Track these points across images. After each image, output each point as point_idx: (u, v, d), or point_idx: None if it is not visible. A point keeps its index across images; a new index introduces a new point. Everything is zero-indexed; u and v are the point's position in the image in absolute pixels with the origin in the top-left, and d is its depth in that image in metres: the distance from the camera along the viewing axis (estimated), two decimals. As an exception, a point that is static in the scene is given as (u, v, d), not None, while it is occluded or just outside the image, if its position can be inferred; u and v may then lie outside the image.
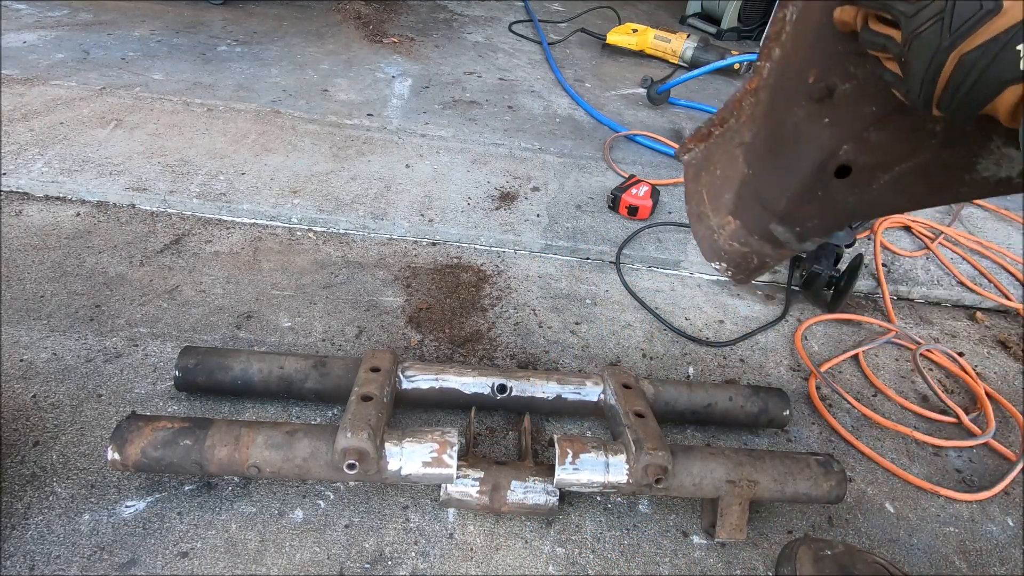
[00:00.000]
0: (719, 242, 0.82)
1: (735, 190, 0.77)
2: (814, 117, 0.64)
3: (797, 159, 0.68)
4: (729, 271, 0.83)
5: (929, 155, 0.62)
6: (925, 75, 0.44)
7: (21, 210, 1.36)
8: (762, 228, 0.76)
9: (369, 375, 0.90)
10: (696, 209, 0.86)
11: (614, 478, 0.84)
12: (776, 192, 0.72)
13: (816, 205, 0.70)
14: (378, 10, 2.90)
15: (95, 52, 2.06)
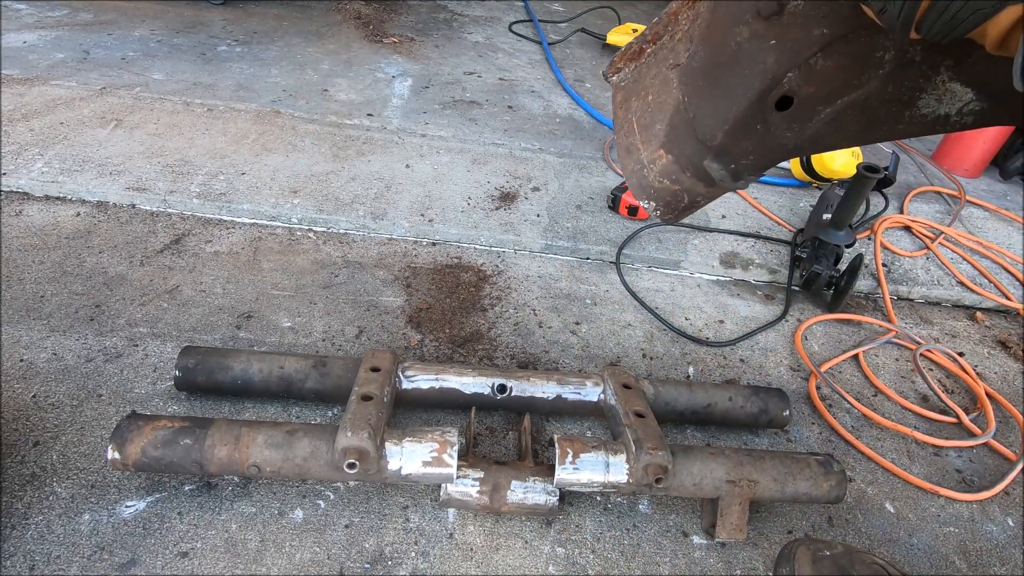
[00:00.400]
0: (649, 178, 0.75)
1: (668, 120, 0.71)
2: (759, 38, 0.59)
3: (737, 86, 0.62)
4: (658, 210, 0.77)
5: (873, 88, 0.58)
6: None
7: (21, 210, 1.36)
8: (696, 164, 0.70)
9: (369, 375, 0.90)
10: (625, 140, 0.79)
11: (614, 478, 0.84)
12: (713, 124, 0.66)
13: (754, 140, 0.65)
14: (378, 10, 2.90)
15: (95, 52, 2.06)
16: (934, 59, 0.55)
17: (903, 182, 2.03)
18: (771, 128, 0.63)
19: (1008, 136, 2.18)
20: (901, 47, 0.55)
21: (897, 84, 0.58)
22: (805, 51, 0.57)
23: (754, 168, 0.69)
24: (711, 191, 0.73)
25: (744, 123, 0.64)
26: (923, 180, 2.11)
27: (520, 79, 2.41)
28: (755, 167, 0.69)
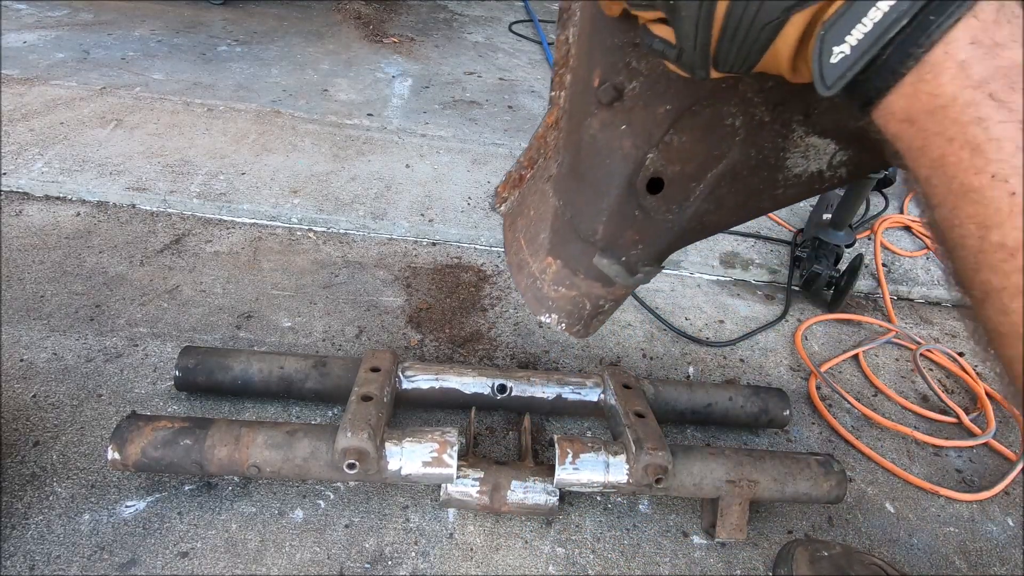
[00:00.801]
0: (543, 289, 0.74)
1: (550, 226, 0.71)
2: (609, 125, 0.59)
3: (604, 177, 0.62)
4: (562, 323, 0.75)
5: (736, 156, 0.58)
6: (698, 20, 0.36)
7: (21, 210, 1.36)
8: (586, 264, 0.69)
9: (369, 375, 0.90)
10: (515, 258, 0.79)
11: (614, 478, 0.84)
12: (591, 219, 0.66)
13: (636, 228, 0.65)
14: (378, 10, 2.90)
15: (95, 52, 2.06)
16: (783, 116, 0.56)
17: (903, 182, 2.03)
18: (650, 213, 0.63)
19: (1008, 136, 2.18)
20: (747, 111, 0.55)
21: (758, 148, 0.58)
22: (656, 130, 0.57)
23: (648, 258, 0.68)
24: (611, 291, 0.72)
25: (621, 212, 0.64)
26: (923, 180, 2.11)
27: (520, 79, 2.41)
28: (648, 257, 0.68)
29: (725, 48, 0.36)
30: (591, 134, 0.61)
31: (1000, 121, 0.28)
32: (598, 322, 0.77)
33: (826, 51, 0.32)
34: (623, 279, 0.69)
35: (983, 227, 0.29)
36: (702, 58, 0.38)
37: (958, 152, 0.29)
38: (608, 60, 0.55)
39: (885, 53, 0.30)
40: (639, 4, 0.41)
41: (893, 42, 0.30)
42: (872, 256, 1.61)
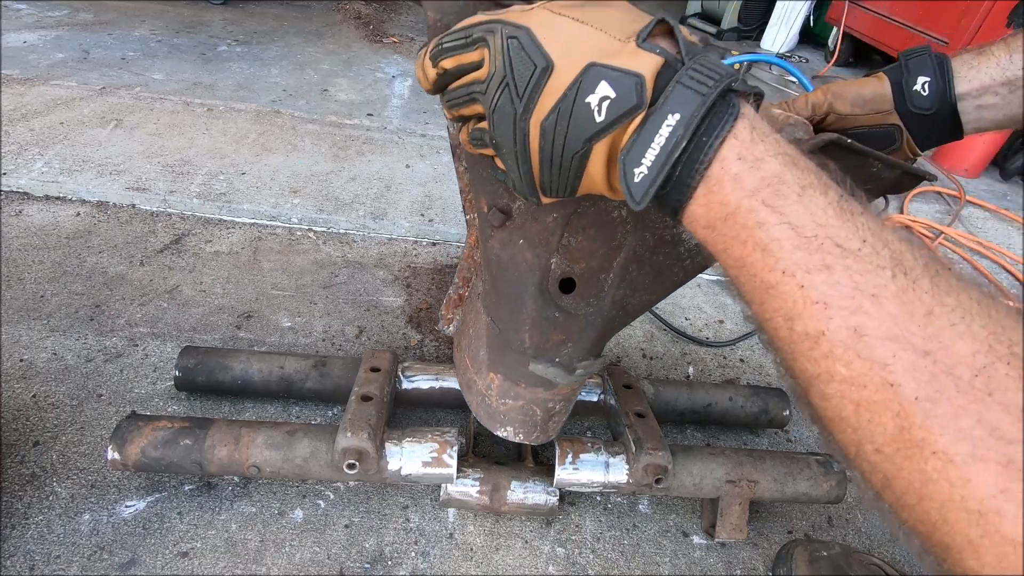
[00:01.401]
0: (493, 405, 0.77)
1: (486, 343, 0.74)
2: (508, 243, 0.62)
3: (518, 289, 0.65)
4: (519, 433, 0.78)
5: (634, 241, 0.61)
6: (516, 152, 0.40)
7: (21, 210, 1.36)
8: (524, 373, 0.72)
9: (369, 375, 0.90)
10: (464, 378, 0.81)
11: (614, 478, 0.84)
12: (516, 329, 0.69)
13: (561, 329, 0.67)
14: (378, 10, 2.90)
15: (95, 52, 2.06)
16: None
17: (903, 182, 2.03)
18: (570, 312, 0.65)
19: (1008, 136, 2.18)
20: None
21: (651, 231, 0.61)
22: (552, 237, 0.60)
23: (580, 353, 0.70)
24: (555, 393, 0.74)
25: (541, 318, 0.66)
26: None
27: (520, 79, 2.41)
28: (580, 352, 0.70)
29: (546, 177, 0.40)
30: (495, 253, 0.65)
31: (775, 224, 0.32)
32: (555, 423, 0.79)
33: (629, 172, 0.36)
34: (563, 379, 0.72)
35: (788, 319, 0.33)
36: (530, 187, 0.42)
37: (752, 253, 0.33)
38: (489, 188, 0.59)
39: (676, 170, 0.35)
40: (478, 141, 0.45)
41: (680, 161, 0.35)
42: (872, 256, 1.61)
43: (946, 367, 0.28)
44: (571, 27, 0.38)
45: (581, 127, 0.37)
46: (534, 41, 0.38)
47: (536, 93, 0.38)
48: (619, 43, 0.36)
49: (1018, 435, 0.26)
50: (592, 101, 0.36)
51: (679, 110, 0.34)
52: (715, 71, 0.34)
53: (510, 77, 0.39)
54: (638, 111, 0.35)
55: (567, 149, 0.38)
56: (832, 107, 0.67)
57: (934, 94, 0.63)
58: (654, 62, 0.35)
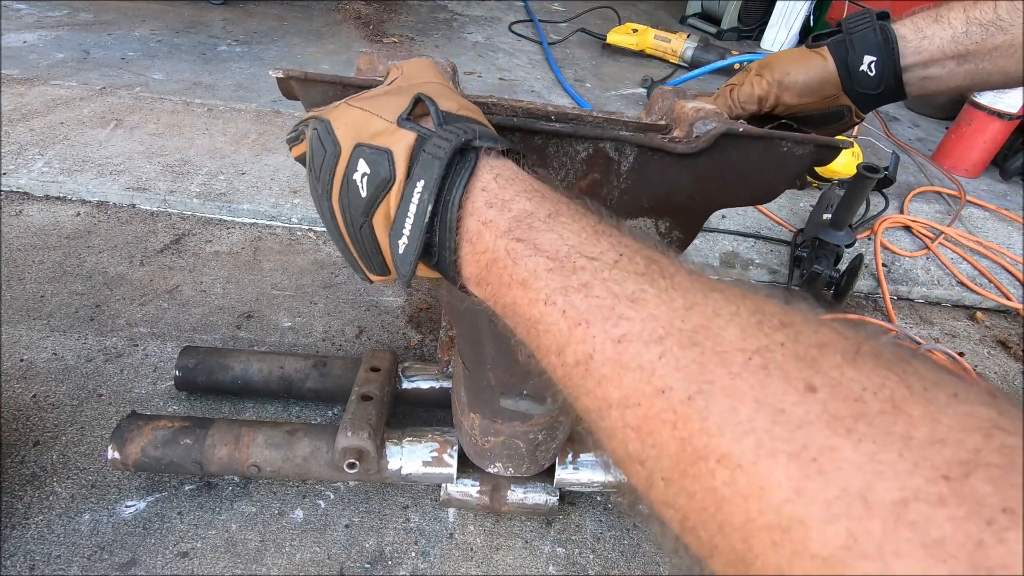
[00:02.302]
0: (478, 443, 0.79)
1: (464, 387, 0.76)
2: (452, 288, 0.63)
3: (474, 330, 0.67)
4: (508, 468, 0.79)
5: None
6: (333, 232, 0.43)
7: (21, 210, 1.36)
8: (498, 409, 0.73)
9: (369, 375, 0.90)
10: (456, 418, 0.83)
11: (614, 477, 0.84)
12: (481, 369, 0.70)
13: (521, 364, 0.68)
14: (378, 10, 2.90)
15: (95, 52, 2.06)
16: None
17: (903, 182, 2.03)
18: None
19: (1008, 136, 2.18)
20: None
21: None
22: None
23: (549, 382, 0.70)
24: (533, 424, 0.75)
25: (499, 354, 0.67)
26: (923, 180, 2.11)
27: (520, 79, 2.41)
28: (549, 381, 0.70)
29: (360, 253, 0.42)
30: (447, 300, 0.66)
31: (530, 255, 0.32)
32: (543, 452, 0.80)
33: (393, 244, 0.38)
34: (536, 410, 0.73)
35: (559, 352, 0.30)
36: (354, 265, 0.44)
37: (515, 292, 0.33)
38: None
39: (435, 235, 0.36)
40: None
41: (434, 224, 0.36)
42: (872, 256, 1.61)
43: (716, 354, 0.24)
44: (355, 114, 0.41)
45: (356, 203, 0.39)
46: (328, 130, 0.41)
47: (329, 175, 0.40)
48: (385, 124, 0.39)
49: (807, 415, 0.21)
50: (356, 178, 0.39)
51: (423, 176, 0.36)
52: (455, 134, 0.36)
53: (314, 164, 0.42)
54: (390, 184, 0.37)
55: (354, 223, 0.40)
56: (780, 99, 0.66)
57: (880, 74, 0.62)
58: (407, 138, 0.38)
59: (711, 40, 2.90)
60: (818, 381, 0.22)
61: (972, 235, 1.78)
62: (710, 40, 2.86)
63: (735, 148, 0.53)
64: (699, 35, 2.93)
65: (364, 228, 0.40)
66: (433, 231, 0.36)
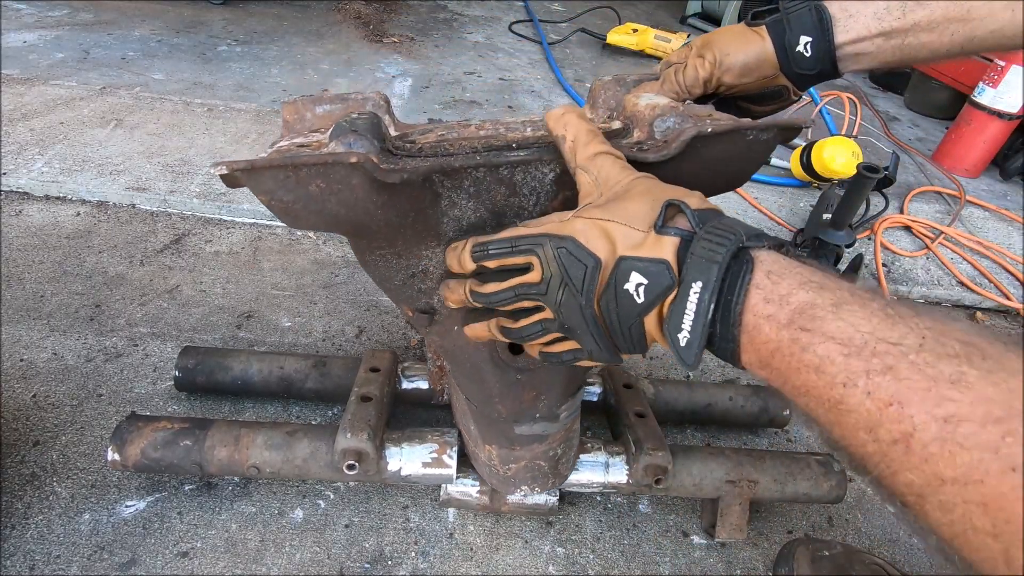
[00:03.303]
0: (500, 472, 0.79)
1: (471, 420, 0.76)
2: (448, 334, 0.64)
3: (473, 368, 0.67)
4: (535, 488, 0.80)
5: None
6: (591, 331, 0.47)
7: (21, 210, 1.36)
8: (513, 437, 0.73)
9: (369, 375, 0.90)
10: (469, 449, 0.83)
11: (614, 478, 0.84)
12: (489, 403, 0.70)
13: (528, 387, 0.68)
14: (378, 10, 2.90)
15: (95, 52, 2.06)
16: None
17: (903, 182, 2.03)
18: (530, 368, 0.67)
19: (1008, 136, 2.18)
20: None
21: None
22: (484, 314, 0.60)
23: (557, 401, 0.72)
24: (550, 442, 0.76)
25: (505, 384, 0.68)
26: (923, 180, 2.11)
27: (520, 79, 2.41)
28: (556, 400, 0.71)
29: (620, 342, 0.47)
30: (439, 345, 0.66)
31: (820, 343, 0.33)
32: (564, 463, 0.81)
33: (674, 339, 0.41)
34: (552, 429, 0.74)
35: (869, 430, 0.31)
36: (610, 352, 0.49)
37: (808, 377, 0.34)
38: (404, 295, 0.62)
39: (715, 328, 0.39)
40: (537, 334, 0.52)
41: (715, 321, 0.39)
42: (872, 256, 1.61)
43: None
44: (604, 227, 0.44)
45: (628, 309, 0.43)
46: (580, 246, 0.45)
47: (593, 285, 0.45)
48: (642, 234, 0.43)
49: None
50: (630, 287, 0.42)
51: (700, 278, 0.39)
52: (725, 236, 0.39)
53: (567, 278, 0.46)
54: (671, 290, 0.41)
55: (623, 324, 0.45)
56: (721, 80, 0.67)
57: (816, 55, 0.63)
58: (673, 244, 0.41)
59: (711, 40, 2.90)
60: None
61: (972, 235, 1.78)
62: (710, 40, 2.85)
63: (704, 146, 0.54)
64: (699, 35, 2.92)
65: (634, 327, 0.44)
66: (715, 326, 0.40)
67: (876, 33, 0.62)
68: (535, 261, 0.48)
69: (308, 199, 0.49)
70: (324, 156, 0.47)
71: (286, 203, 0.49)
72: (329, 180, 0.48)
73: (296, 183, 0.48)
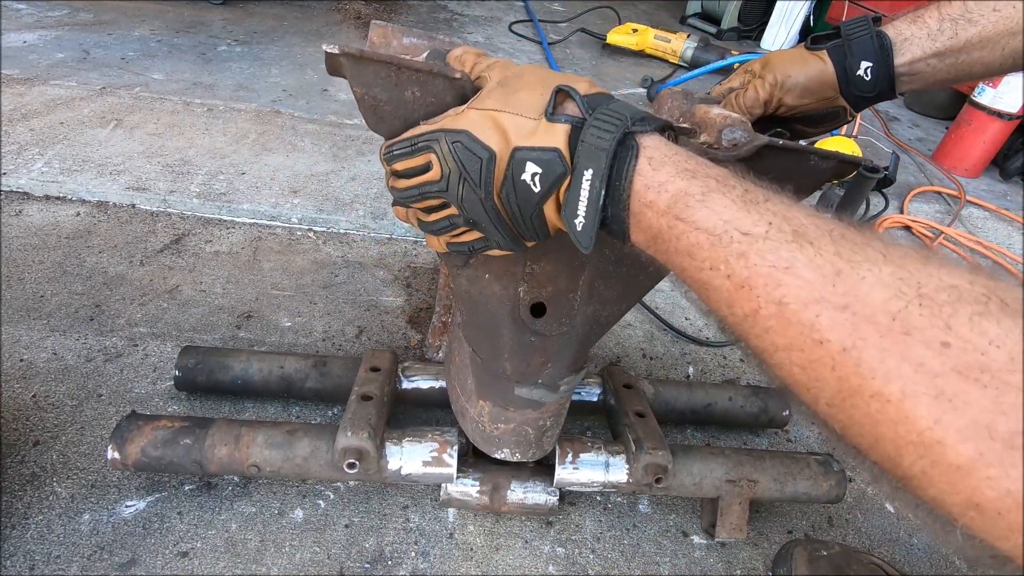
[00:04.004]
0: (486, 430, 0.79)
1: (471, 372, 0.76)
2: (476, 279, 0.65)
3: (492, 321, 0.67)
4: (516, 454, 0.80)
5: (595, 258, 0.64)
6: (493, 223, 0.49)
7: (21, 210, 1.36)
8: (511, 398, 0.74)
9: (369, 375, 0.90)
10: (457, 406, 0.83)
11: (614, 478, 0.84)
12: (496, 359, 0.71)
13: (539, 352, 0.69)
14: (378, 10, 2.90)
15: (95, 52, 2.06)
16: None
17: (903, 182, 2.03)
18: (545, 334, 0.68)
19: (1008, 136, 2.18)
20: None
21: (610, 247, 0.63)
22: (515, 268, 0.62)
23: (561, 372, 0.72)
24: (543, 412, 0.76)
25: (518, 344, 0.68)
26: (923, 180, 2.11)
27: (520, 79, 2.41)
28: (561, 371, 0.72)
29: (522, 229, 0.49)
30: (465, 290, 0.67)
31: (691, 231, 0.38)
32: (549, 437, 0.81)
33: (570, 224, 0.44)
34: (549, 398, 0.74)
35: (728, 306, 0.37)
36: (514, 241, 0.51)
37: (684, 260, 0.39)
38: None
39: (607, 212, 0.42)
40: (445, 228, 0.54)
41: (606, 206, 0.42)
42: (872, 256, 1.61)
43: (864, 316, 0.30)
44: (496, 118, 0.46)
45: (527, 199, 0.45)
46: (474, 139, 0.46)
47: (490, 178, 0.46)
48: (533, 122, 0.44)
49: (942, 367, 0.28)
50: (526, 178, 0.44)
51: (590, 165, 0.41)
52: (611, 123, 0.41)
53: (465, 173, 0.47)
54: (564, 177, 0.43)
55: (523, 212, 0.47)
56: (781, 101, 0.69)
57: (875, 78, 0.65)
58: (564, 132, 0.43)
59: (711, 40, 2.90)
60: (951, 338, 0.28)
61: (972, 235, 1.78)
62: (710, 40, 2.86)
63: (770, 158, 0.56)
64: (699, 35, 2.93)
65: (535, 216, 0.46)
66: (606, 210, 0.42)
67: (931, 54, 0.64)
68: (433, 159, 0.49)
69: (399, 103, 0.51)
70: (430, 65, 0.49)
71: (378, 101, 0.51)
72: (426, 90, 0.50)
73: (395, 84, 0.50)
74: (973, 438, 0.26)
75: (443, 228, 0.54)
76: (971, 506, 0.27)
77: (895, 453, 0.30)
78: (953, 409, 0.27)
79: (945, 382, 0.27)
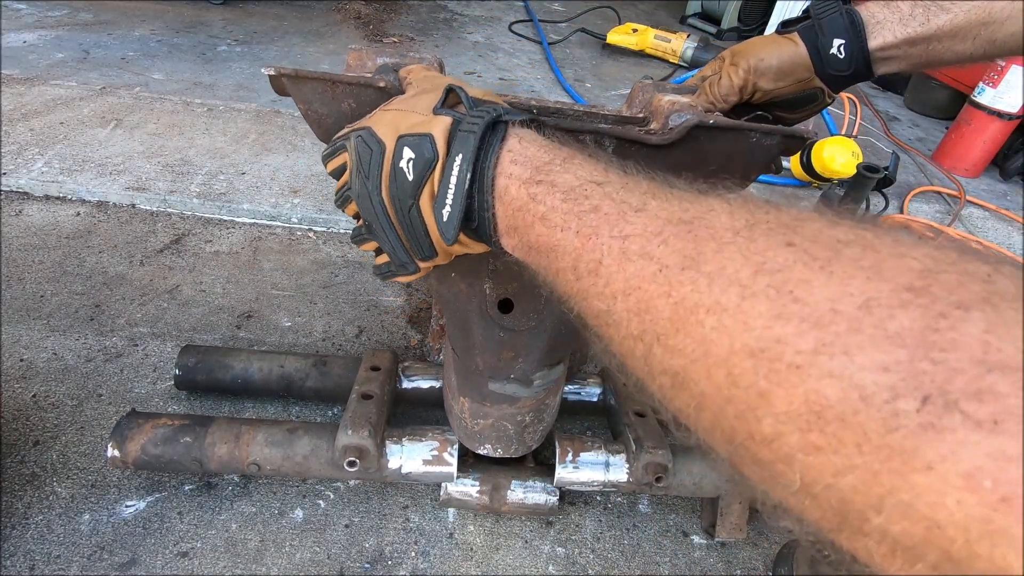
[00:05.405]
0: (468, 425, 0.80)
1: (453, 370, 0.77)
2: (445, 278, 0.66)
3: (461, 318, 0.69)
4: (497, 449, 0.81)
5: None
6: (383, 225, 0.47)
7: (21, 210, 1.36)
8: (486, 393, 0.75)
9: (369, 374, 0.90)
10: (447, 404, 0.84)
11: (614, 477, 0.84)
12: (469, 354, 0.72)
13: (508, 347, 0.70)
14: (378, 10, 2.90)
15: (95, 52, 2.06)
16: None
17: (903, 182, 2.03)
18: (514, 329, 0.68)
19: (1008, 136, 2.18)
20: None
21: None
22: (480, 266, 0.64)
23: (533, 367, 0.73)
24: (520, 406, 0.76)
25: (488, 339, 0.69)
26: (923, 180, 2.11)
27: (520, 79, 2.41)
28: (533, 366, 0.73)
29: (409, 238, 0.47)
30: (436, 288, 0.68)
31: (547, 193, 0.37)
32: (531, 433, 0.81)
33: (438, 215, 0.43)
34: (523, 393, 0.75)
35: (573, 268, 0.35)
36: (405, 254, 0.48)
37: (538, 228, 0.37)
38: None
39: (474, 200, 0.41)
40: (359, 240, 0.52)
41: (472, 190, 0.41)
42: (872, 256, 1.61)
43: (708, 232, 0.29)
44: (392, 115, 0.47)
45: (404, 187, 0.44)
46: (372, 133, 0.46)
47: (377, 170, 0.45)
48: (423, 117, 0.45)
49: (786, 261, 0.25)
50: (402, 164, 0.44)
51: (461, 150, 0.41)
52: (486, 112, 0.42)
53: (360, 165, 0.47)
54: (434, 163, 0.42)
55: (403, 207, 0.45)
56: (756, 86, 0.68)
57: (849, 56, 0.65)
58: (444, 122, 0.43)
59: (711, 40, 2.90)
60: (798, 239, 0.26)
61: (972, 235, 1.78)
62: (710, 40, 2.86)
63: (707, 139, 0.57)
64: (699, 35, 2.92)
65: (413, 210, 0.45)
66: (472, 196, 0.41)
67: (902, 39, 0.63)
68: (346, 157, 0.49)
69: (339, 115, 0.55)
70: (358, 77, 0.53)
71: (320, 115, 0.55)
72: (360, 101, 0.54)
73: (332, 98, 0.54)
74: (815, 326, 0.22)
75: (358, 237, 0.52)
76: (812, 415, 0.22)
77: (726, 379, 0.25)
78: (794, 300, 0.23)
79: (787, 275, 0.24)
